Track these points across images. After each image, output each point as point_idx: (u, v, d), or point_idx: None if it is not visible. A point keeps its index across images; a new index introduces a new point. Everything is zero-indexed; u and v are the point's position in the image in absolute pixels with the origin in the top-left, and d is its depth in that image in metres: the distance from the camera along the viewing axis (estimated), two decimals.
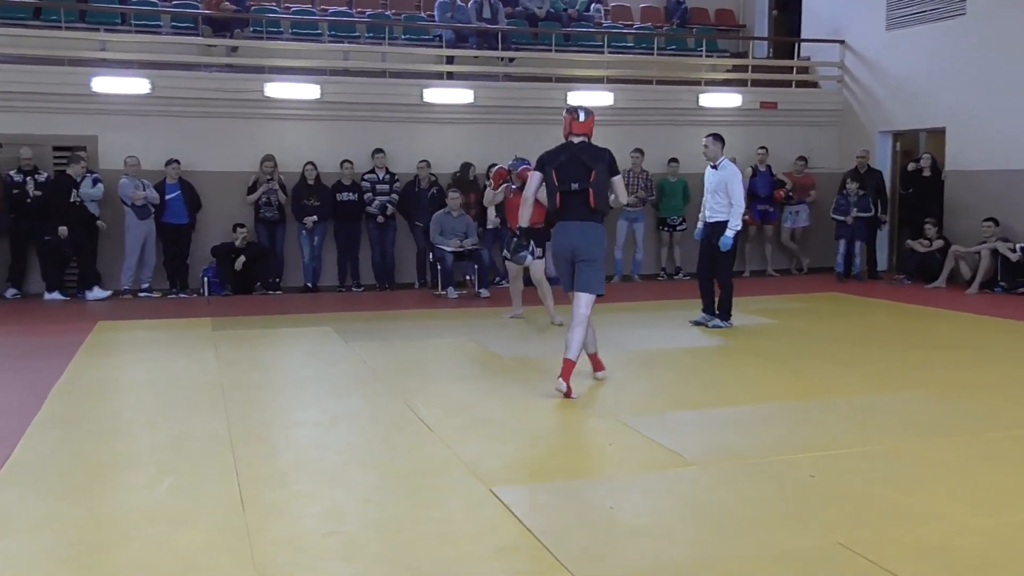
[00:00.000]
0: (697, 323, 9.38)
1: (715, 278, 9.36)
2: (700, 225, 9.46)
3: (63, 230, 11.14)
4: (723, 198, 9.01)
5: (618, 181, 6.58)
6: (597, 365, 6.94)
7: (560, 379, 6.25)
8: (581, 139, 6.51)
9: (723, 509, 4.23)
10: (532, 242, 7.57)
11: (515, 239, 7.17)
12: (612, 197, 6.59)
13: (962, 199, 12.83)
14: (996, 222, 11.90)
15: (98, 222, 11.61)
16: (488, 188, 8.46)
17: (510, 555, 3.71)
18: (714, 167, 9.13)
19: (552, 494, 4.40)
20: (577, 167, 6.39)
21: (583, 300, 6.41)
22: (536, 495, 4.38)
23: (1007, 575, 3.51)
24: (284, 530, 3.98)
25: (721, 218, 9.05)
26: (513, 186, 9.22)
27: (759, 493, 4.42)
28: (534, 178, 6.60)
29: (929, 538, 3.85)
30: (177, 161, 11.90)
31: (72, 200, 11.31)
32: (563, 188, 6.40)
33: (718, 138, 9.17)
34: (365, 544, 3.85)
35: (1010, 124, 12.10)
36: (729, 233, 8.97)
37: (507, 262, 8.88)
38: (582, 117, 6.52)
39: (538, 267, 9.20)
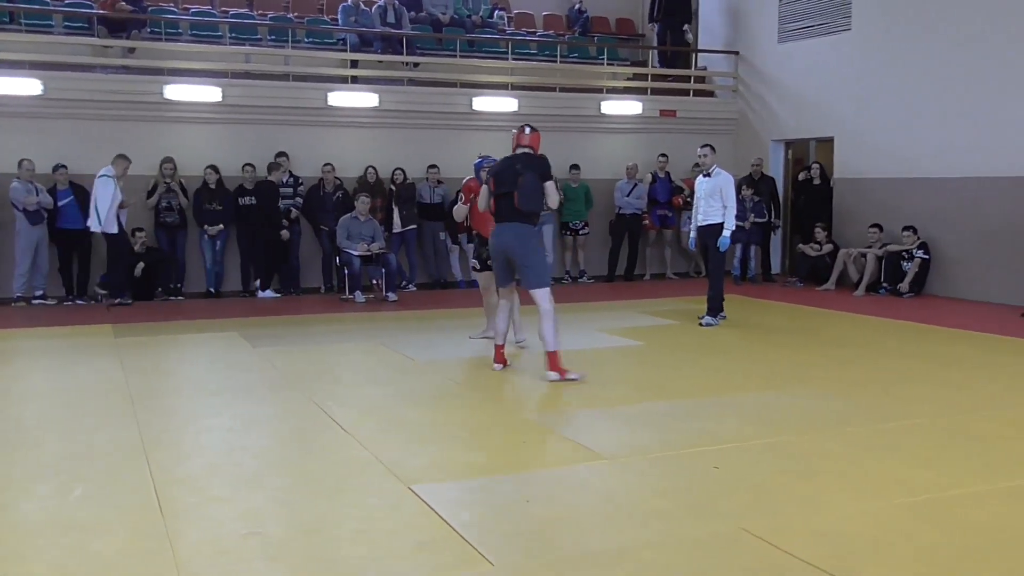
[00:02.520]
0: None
1: (707, 277, 10.07)
2: (693, 234, 10.18)
3: None
4: (717, 202, 9.64)
5: (549, 186, 7.13)
6: (499, 357, 7.43)
7: (549, 371, 6.93)
8: (524, 150, 7.23)
9: (633, 500, 4.42)
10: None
11: (483, 248, 7.69)
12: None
13: (850, 205, 13.47)
14: (880, 228, 12.54)
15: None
16: (459, 203, 8.28)
17: (431, 549, 3.81)
18: (707, 175, 9.78)
19: (470, 490, 4.52)
20: (510, 174, 7.04)
21: (538, 296, 7.00)
22: (455, 492, 4.48)
23: (894, 554, 3.77)
24: (204, 533, 3.99)
25: (715, 220, 9.65)
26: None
27: (667, 484, 4.63)
28: (483, 191, 7.30)
29: (824, 522, 4.11)
30: (64, 166, 11.54)
31: None
32: (496, 193, 7.08)
33: (713, 149, 9.96)
34: (286, 544, 3.89)
35: (893, 134, 12.77)
36: (726, 233, 9.58)
37: (476, 274, 8.55)
38: (527, 132, 7.35)
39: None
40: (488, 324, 8.53)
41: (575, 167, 13.89)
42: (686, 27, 15.80)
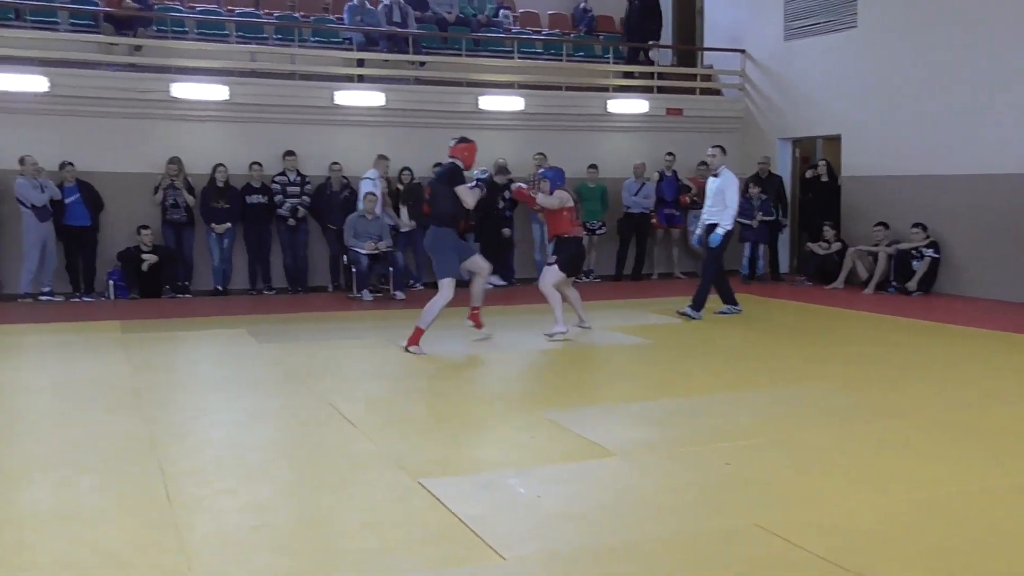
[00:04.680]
0: (721, 313, 10.21)
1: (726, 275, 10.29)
2: (699, 232, 10.32)
3: None
4: (722, 202, 9.77)
5: (460, 190, 7.98)
6: (476, 320, 8.51)
7: (409, 345, 7.87)
8: (450, 161, 8.16)
9: (645, 495, 4.39)
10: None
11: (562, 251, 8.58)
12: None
13: (858, 203, 13.42)
14: (886, 226, 12.50)
15: None
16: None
17: (439, 541, 3.78)
18: (715, 175, 9.95)
19: (479, 485, 4.48)
20: (432, 185, 8.34)
21: (440, 283, 8.03)
22: (464, 486, 4.45)
23: (906, 548, 3.74)
24: (212, 525, 3.97)
25: (717, 219, 9.82)
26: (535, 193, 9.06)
27: (679, 480, 4.60)
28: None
29: (836, 517, 4.07)
30: (71, 163, 11.56)
31: None
32: (427, 200, 8.35)
33: (723, 150, 10.11)
34: (294, 536, 3.87)
35: (900, 131, 12.71)
36: (719, 231, 9.74)
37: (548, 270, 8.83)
38: (451, 143, 8.27)
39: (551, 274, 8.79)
40: (559, 315, 8.63)
41: (593, 167, 13.79)
42: (650, 42, 15.63)
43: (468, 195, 8.04)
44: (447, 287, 7.98)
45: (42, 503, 4.26)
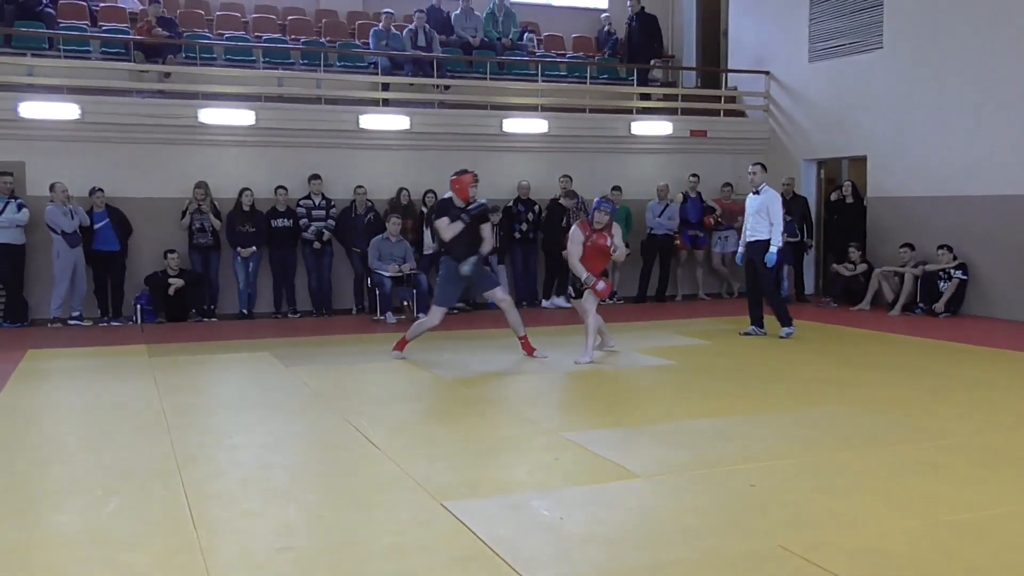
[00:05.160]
0: (746, 334, 10.35)
1: (761, 295, 10.32)
2: (741, 250, 10.37)
3: None
4: (764, 219, 9.89)
5: (437, 224, 8.56)
6: (527, 348, 8.87)
7: (394, 349, 8.78)
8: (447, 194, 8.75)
9: (669, 517, 4.37)
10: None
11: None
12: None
13: (883, 224, 13.33)
14: (912, 247, 12.40)
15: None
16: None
17: (465, 565, 3.77)
18: (756, 192, 10.02)
19: (504, 507, 4.48)
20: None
21: (431, 309, 8.83)
22: (488, 508, 4.44)
23: (931, 572, 3.69)
24: (237, 547, 3.99)
25: (762, 237, 9.90)
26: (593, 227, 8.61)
27: (703, 502, 4.57)
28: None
29: (862, 540, 4.03)
30: (101, 189, 11.72)
31: None
32: None
33: (764, 167, 10.21)
34: (319, 559, 3.87)
35: (926, 152, 12.65)
36: (772, 249, 9.87)
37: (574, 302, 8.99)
38: (452, 177, 8.70)
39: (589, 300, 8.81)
40: (590, 343, 8.69)
41: (616, 188, 13.77)
42: (653, 62, 15.63)
43: (444, 230, 8.51)
44: (436, 314, 8.65)
45: (70, 525, 4.30)
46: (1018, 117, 11.47)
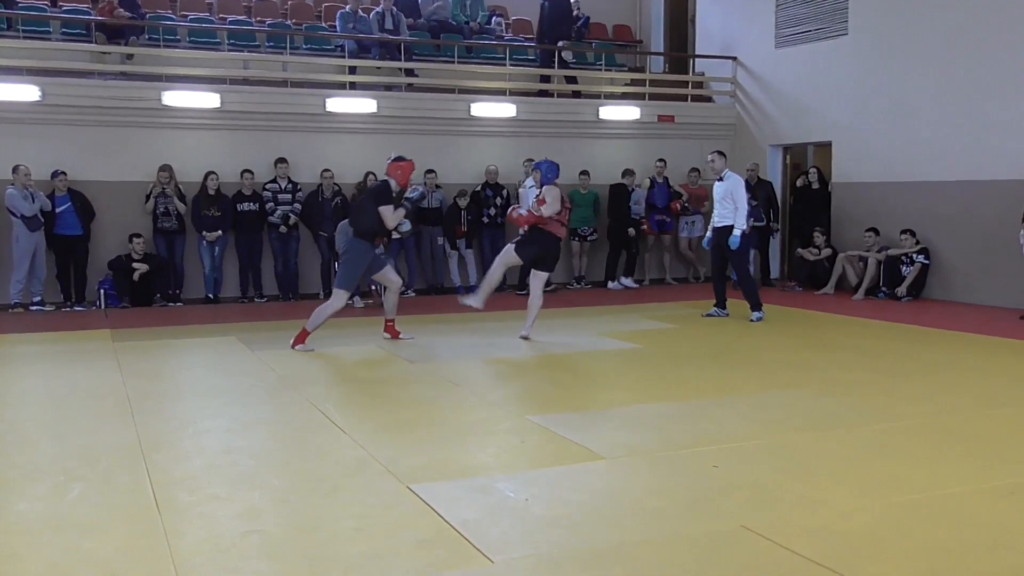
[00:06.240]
0: (709, 315, 10.53)
1: (733, 278, 10.56)
2: (709, 235, 10.52)
3: None
4: (731, 204, 10.01)
5: (382, 210, 8.35)
6: (392, 332, 8.98)
7: (294, 345, 8.43)
8: (382, 179, 8.65)
9: (633, 499, 4.41)
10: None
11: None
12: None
13: (848, 209, 13.48)
14: (876, 232, 12.55)
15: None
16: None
17: (430, 546, 3.79)
18: (720, 179, 10.14)
19: (470, 489, 4.50)
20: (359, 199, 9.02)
21: (334, 292, 8.60)
22: (454, 491, 4.46)
23: (890, 550, 3.76)
24: (202, 532, 3.98)
25: (728, 222, 10.03)
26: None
27: (666, 483, 4.63)
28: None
29: (823, 520, 4.10)
30: (63, 173, 11.55)
31: None
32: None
33: (722, 154, 10.36)
34: (285, 542, 3.88)
35: (890, 138, 12.79)
36: (736, 233, 9.99)
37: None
38: (387, 161, 8.65)
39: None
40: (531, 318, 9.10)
41: (584, 173, 13.82)
42: (561, 43, 15.40)
43: (389, 217, 8.40)
44: (339, 297, 8.48)
45: (33, 512, 4.26)
46: (980, 104, 11.63)
